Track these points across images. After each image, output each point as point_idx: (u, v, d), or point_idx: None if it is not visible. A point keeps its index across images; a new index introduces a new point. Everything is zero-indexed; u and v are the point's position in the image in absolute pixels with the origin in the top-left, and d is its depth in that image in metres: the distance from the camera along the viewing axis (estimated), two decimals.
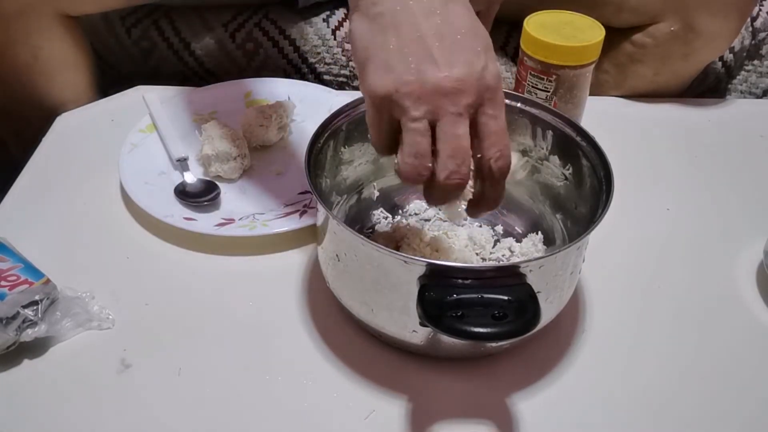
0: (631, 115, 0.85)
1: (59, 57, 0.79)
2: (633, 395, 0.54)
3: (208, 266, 0.64)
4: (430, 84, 0.40)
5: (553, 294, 0.51)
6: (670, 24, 0.78)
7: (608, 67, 0.85)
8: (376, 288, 0.51)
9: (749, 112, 0.87)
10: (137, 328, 0.58)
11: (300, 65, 0.90)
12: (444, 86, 0.40)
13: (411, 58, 0.41)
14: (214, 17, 0.90)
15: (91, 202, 0.70)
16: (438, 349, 0.54)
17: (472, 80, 0.41)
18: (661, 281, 0.63)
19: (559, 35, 0.70)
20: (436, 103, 0.41)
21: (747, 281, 0.64)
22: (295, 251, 0.65)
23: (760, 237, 0.64)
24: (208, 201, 0.68)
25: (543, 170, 0.62)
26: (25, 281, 0.56)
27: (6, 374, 0.54)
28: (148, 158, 0.73)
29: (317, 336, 0.58)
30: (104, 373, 0.54)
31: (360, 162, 0.63)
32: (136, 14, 0.90)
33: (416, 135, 0.41)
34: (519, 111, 0.60)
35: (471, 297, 0.45)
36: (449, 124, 0.41)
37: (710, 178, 0.76)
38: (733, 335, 0.59)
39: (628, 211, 0.69)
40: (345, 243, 0.51)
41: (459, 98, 0.41)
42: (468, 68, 0.41)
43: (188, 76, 0.92)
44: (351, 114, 0.59)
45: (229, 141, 0.71)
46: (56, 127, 0.80)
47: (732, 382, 0.55)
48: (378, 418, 0.52)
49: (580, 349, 0.57)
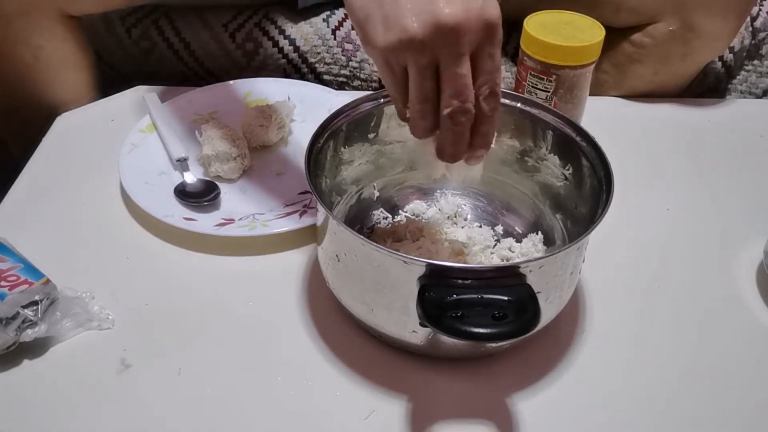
0: (631, 115, 0.85)
1: (60, 57, 0.79)
2: (633, 395, 0.54)
3: (208, 266, 0.64)
4: (430, 26, 0.41)
5: (553, 294, 0.51)
6: (669, 24, 0.78)
7: (607, 67, 0.85)
8: (376, 288, 0.51)
9: (749, 112, 0.87)
10: (137, 328, 0.58)
11: (300, 65, 0.90)
12: (445, 24, 0.41)
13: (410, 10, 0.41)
14: (214, 17, 0.90)
15: (91, 202, 0.70)
16: (438, 349, 0.54)
17: (473, 15, 0.41)
18: (661, 281, 0.63)
19: (559, 35, 0.70)
20: (438, 44, 0.41)
21: (747, 281, 0.64)
22: (295, 251, 0.65)
23: (760, 237, 0.64)
24: (208, 201, 0.68)
25: (543, 170, 0.62)
26: (25, 281, 0.56)
27: (6, 374, 0.54)
28: (148, 158, 0.73)
29: (317, 336, 0.58)
30: (104, 373, 0.54)
31: (360, 162, 0.63)
32: (136, 14, 0.90)
33: (422, 79, 0.42)
34: (519, 111, 0.60)
35: (471, 297, 0.45)
36: (452, 67, 0.42)
37: (710, 178, 0.76)
38: (733, 335, 0.59)
39: (628, 211, 0.69)
40: (345, 243, 0.51)
41: (460, 37, 0.41)
42: (467, 5, 0.41)
43: (188, 76, 0.92)
44: (351, 114, 0.59)
45: (229, 141, 0.71)
46: (56, 127, 0.80)
47: (732, 382, 0.55)
48: (378, 418, 0.52)
49: (580, 349, 0.57)
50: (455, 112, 0.43)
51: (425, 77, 0.43)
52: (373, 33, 0.43)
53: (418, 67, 0.42)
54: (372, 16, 0.43)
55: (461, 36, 0.42)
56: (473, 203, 0.67)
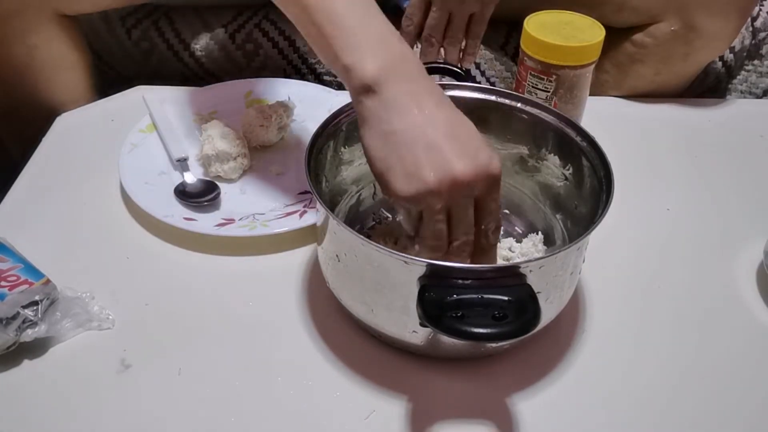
0: (631, 115, 0.85)
1: (56, 57, 0.79)
2: (633, 395, 0.54)
3: (208, 266, 0.64)
4: (447, 182, 0.47)
5: (553, 294, 0.51)
6: (670, 24, 0.78)
7: (608, 67, 0.85)
8: (376, 288, 0.51)
9: (749, 112, 0.87)
10: (137, 328, 0.58)
11: (300, 65, 0.90)
12: (459, 179, 0.47)
13: (427, 166, 0.48)
14: (214, 18, 0.90)
15: (91, 202, 0.70)
16: (438, 349, 0.54)
17: (481, 171, 0.48)
18: (661, 281, 0.63)
19: (559, 35, 0.70)
20: (452, 195, 0.48)
21: (747, 281, 0.64)
22: (295, 251, 0.65)
23: (760, 237, 0.64)
24: (208, 201, 0.68)
25: (543, 170, 0.62)
26: (25, 281, 0.56)
27: (6, 374, 0.54)
28: (148, 158, 0.73)
29: (317, 336, 0.58)
30: (104, 373, 0.54)
31: (360, 162, 0.63)
32: (136, 15, 0.90)
33: (438, 224, 0.49)
34: (519, 111, 0.60)
35: (471, 297, 0.45)
36: (462, 211, 0.50)
37: (710, 178, 0.76)
38: (733, 335, 0.59)
39: (628, 211, 0.69)
40: (345, 243, 0.51)
41: (471, 189, 0.48)
42: (476, 162, 0.48)
43: (188, 77, 0.92)
44: (351, 114, 0.59)
45: (229, 141, 0.71)
46: (56, 127, 0.80)
47: (732, 382, 0.55)
48: (378, 418, 0.52)
49: (580, 349, 0.57)
50: (463, 244, 0.51)
51: (438, 221, 0.49)
52: (395, 184, 0.49)
53: (433, 212, 0.49)
54: (393, 169, 0.49)
55: (471, 188, 0.48)
56: None
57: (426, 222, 0.50)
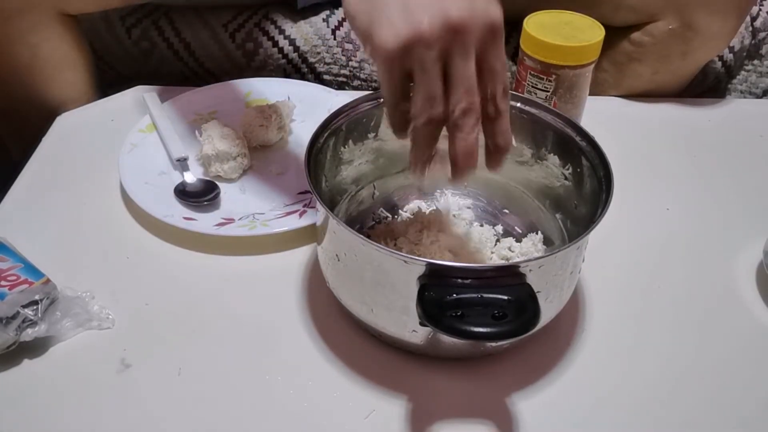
0: (630, 115, 0.85)
1: (58, 56, 0.79)
2: (633, 395, 0.54)
3: (208, 266, 0.64)
4: (439, 25, 0.42)
5: (552, 294, 0.51)
6: (668, 22, 0.78)
7: (607, 66, 0.85)
8: (376, 288, 0.51)
9: (749, 112, 0.87)
10: (137, 328, 0.58)
11: (300, 65, 0.90)
12: (454, 24, 0.42)
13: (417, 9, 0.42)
14: (214, 17, 0.90)
15: (91, 203, 0.70)
16: (438, 349, 0.54)
17: (478, 15, 0.42)
18: (661, 281, 0.63)
19: (559, 35, 0.70)
20: (446, 43, 0.42)
21: (747, 281, 0.64)
22: (295, 251, 0.65)
23: (760, 237, 0.64)
24: (208, 201, 0.68)
25: (543, 170, 0.62)
26: (25, 281, 0.56)
27: (6, 374, 0.54)
28: (148, 158, 0.73)
29: (317, 336, 0.58)
30: (104, 373, 0.55)
31: (360, 162, 0.63)
32: (136, 14, 0.90)
33: (431, 79, 0.43)
34: (519, 111, 0.60)
35: (471, 297, 0.45)
36: (461, 63, 0.43)
37: (710, 178, 0.76)
38: (733, 335, 0.59)
39: (628, 211, 0.69)
40: (345, 243, 0.51)
41: (467, 36, 0.42)
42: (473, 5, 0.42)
43: (188, 76, 0.92)
44: (351, 114, 0.59)
45: (229, 141, 0.71)
46: (56, 127, 0.80)
47: (732, 382, 0.55)
48: (378, 417, 0.52)
49: (579, 349, 0.57)
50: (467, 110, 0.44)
51: (432, 76, 0.43)
52: (381, 36, 0.43)
53: (426, 68, 0.43)
54: (377, 20, 0.44)
55: (468, 34, 0.42)
56: (473, 203, 0.67)
57: (418, 83, 0.43)
